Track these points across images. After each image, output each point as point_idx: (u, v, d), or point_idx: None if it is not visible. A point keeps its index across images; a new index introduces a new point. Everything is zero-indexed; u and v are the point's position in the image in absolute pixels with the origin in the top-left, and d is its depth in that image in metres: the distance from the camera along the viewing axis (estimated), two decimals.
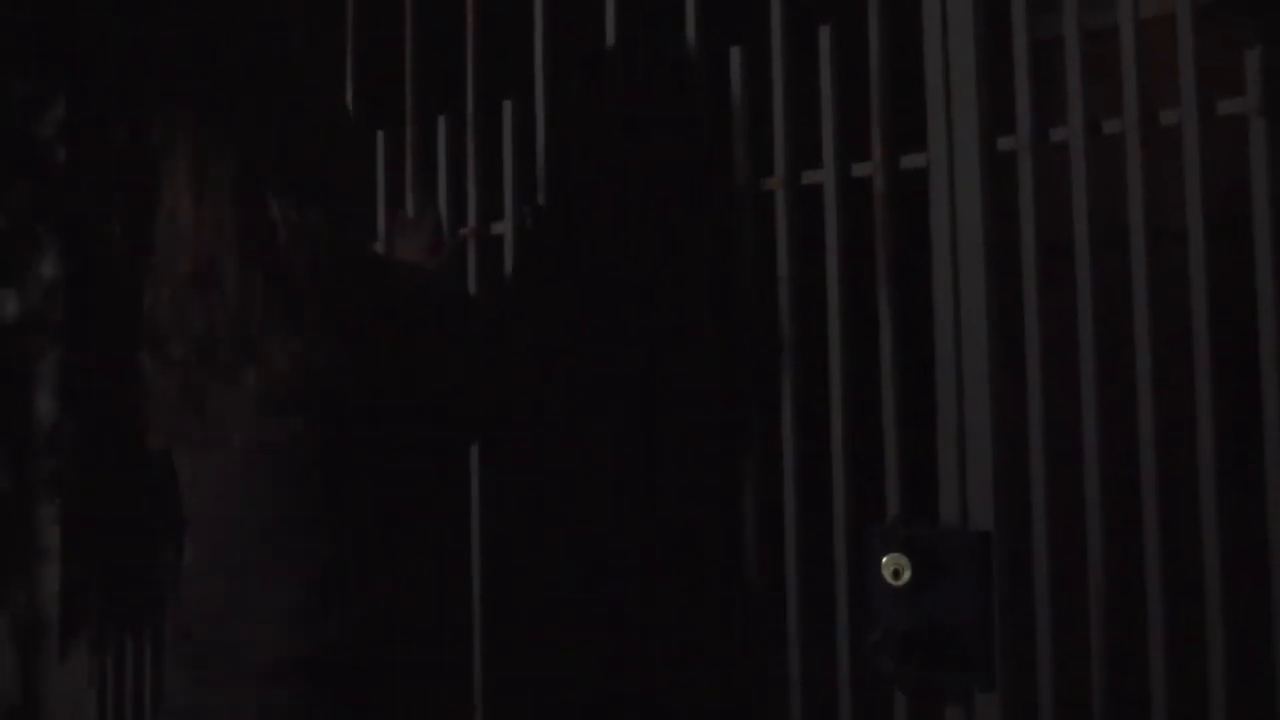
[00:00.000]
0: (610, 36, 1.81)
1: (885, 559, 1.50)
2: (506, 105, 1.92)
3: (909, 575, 1.49)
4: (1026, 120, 1.52)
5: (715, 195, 1.73)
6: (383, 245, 2.00)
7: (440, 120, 1.98)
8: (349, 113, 1.68)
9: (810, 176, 1.66)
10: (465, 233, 1.94)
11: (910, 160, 1.59)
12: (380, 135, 2.03)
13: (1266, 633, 1.36)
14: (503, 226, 1.91)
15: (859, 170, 1.63)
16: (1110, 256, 1.47)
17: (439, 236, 1.84)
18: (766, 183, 1.68)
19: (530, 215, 1.87)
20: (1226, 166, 1.43)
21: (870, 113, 1.61)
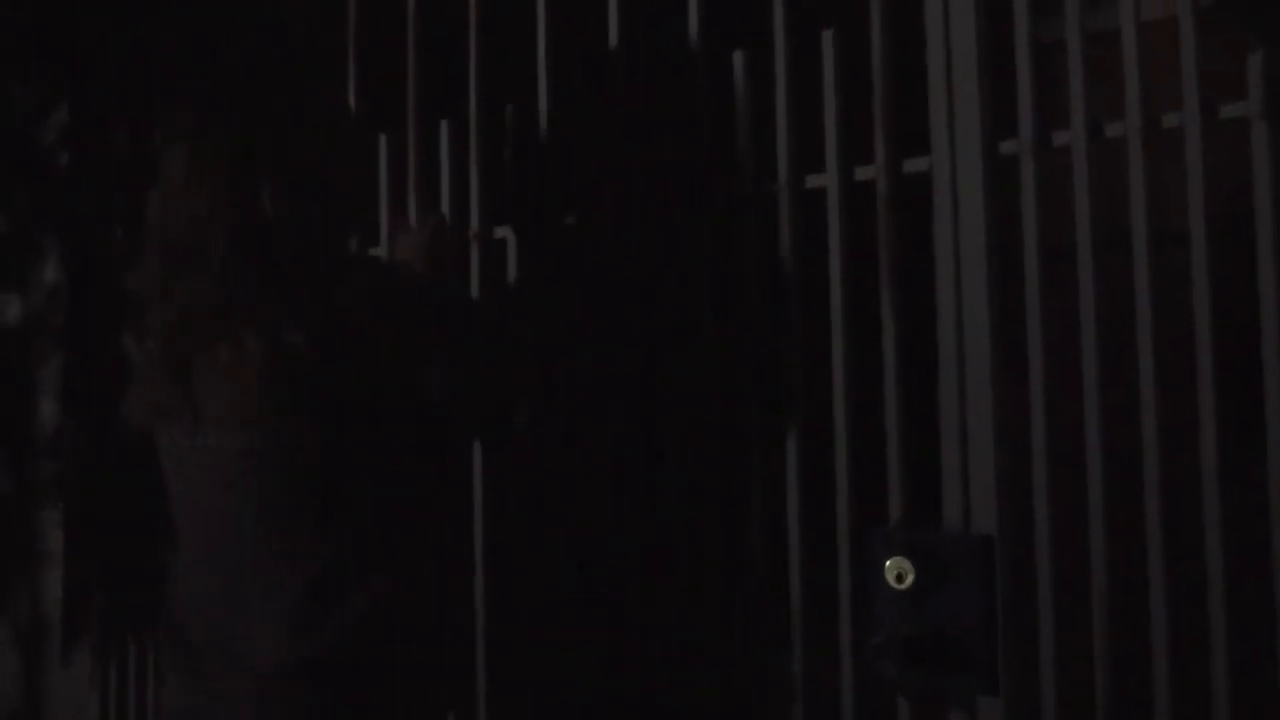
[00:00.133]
0: (613, 40, 1.81)
1: (888, 563, 1.50)
2: (509, 109, 1.92)
3: (912, 579, 1.49)
4: (1029, 124, 1.52)
5: (718, 199, 1.73)
6: (385, 248, 2.01)
7: (443, 124, 1.98)
8: (350, 113, 1.68)
9: (813, 180, 1.66)
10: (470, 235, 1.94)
11: (913, 164, 1.59)
12: (383, 139, 2.03)
13: (1270, 636, 1.36)
14: (505, 230, 1.91)
15: (862, 174, 1.63)
16: (1112, 260, 1.47)
17: (441, 240, 1.85)
18: (769, 186, 1.68)
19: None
20: (1228, 170, 1.43)
21: (873, 116, 1.61)
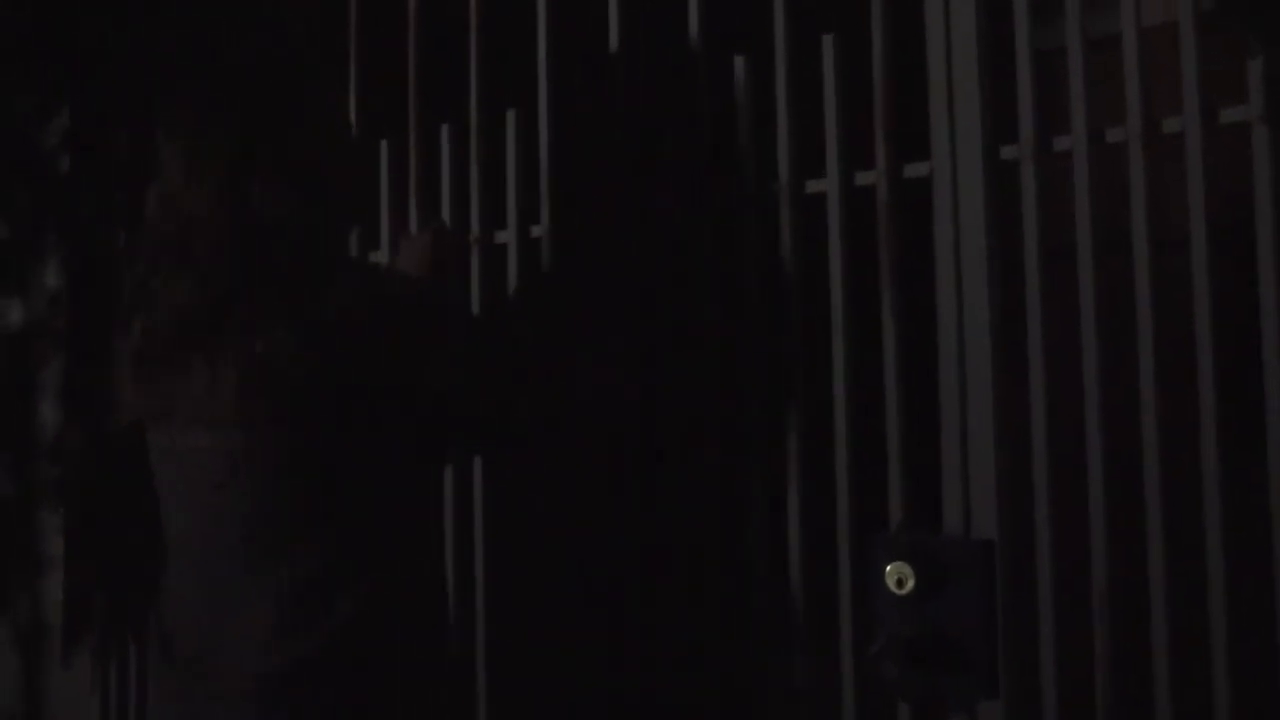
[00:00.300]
0: (613, 45, 1.81)
1: (889, 567, 1.50)
2: (510, 114, 1.93)
3: (912, 584, 1.49)
4: (1029, 129, 1.52)
5: (719, 203, 1.74)
6: (386, 252, 2.01)
7: (444, 128, 1.99)
8: (348, 115, 1.68)
9: (814, 185, 1.66)
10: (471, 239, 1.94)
11: (913, 169, 1.59)
12: (384, 143, 2.03)
13: (1271, 640, 1.36)
14: (506, 235, 1.91)
15: (862, 179, 1.63)
16: (1113, 263, 1.47)
17: (442, 244, 1.85)
18: (770, 191, 1.69)
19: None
20: (1229, 174, 1.43)
21: (874, 121, 1.61)
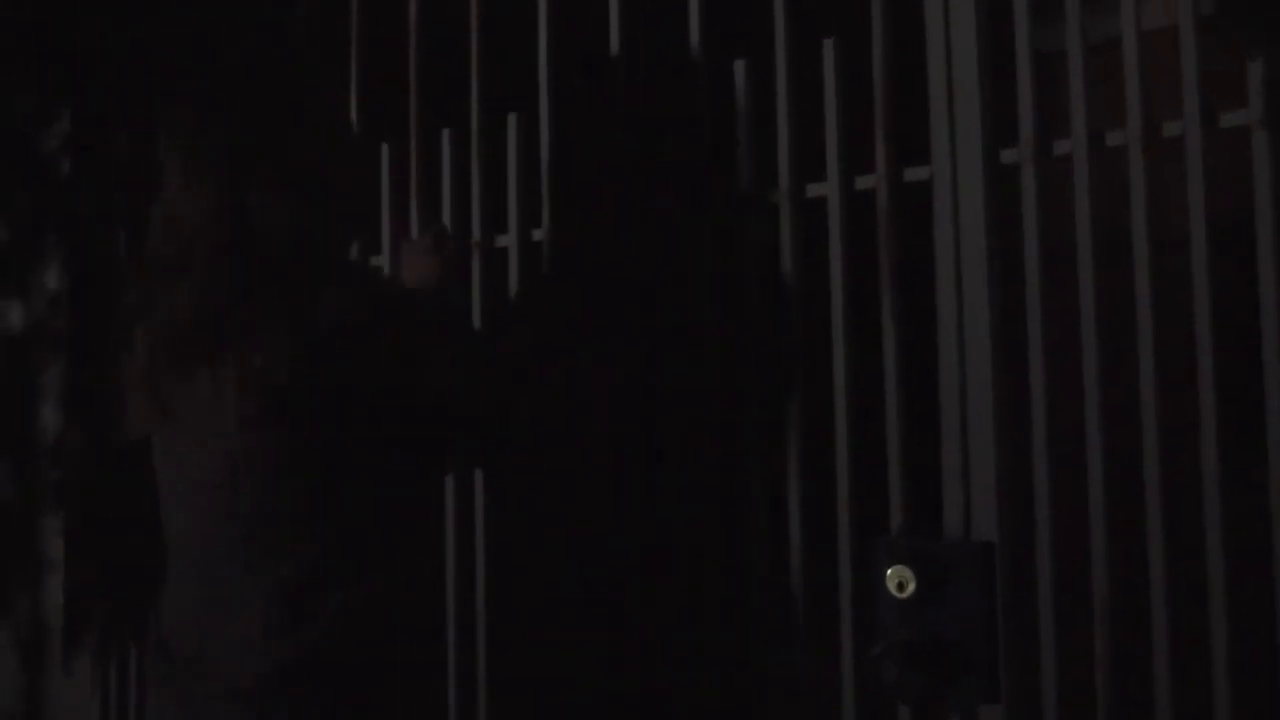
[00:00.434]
0: (614, 49, 1.81)
1: (889, 571, 1.50)
2: (511, 118, 1.93)
3: (913, 588, 1.48)
4: (1029, 132, 1.52)
5: (719, 207, 1.74)
6: (387, 256, 2.01)
7: (445, 132, 1.99)
8: (349, 117, 1.68)
9: (814, 189, 1.66)
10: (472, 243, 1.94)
11: (914, 173, 1.59)
12: (385, 147, 2.03)
13: (1272, 643, 1.36)
14: (507, 239, 1.91)
15: (863, 183, 1.63)
16: (1113, 267, 1.47)
17: (443, 248, 1.85)
18: (771, 195, 1.69)
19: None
20: (1229, 177, 1.43)
21: (874, 125, 1.61)
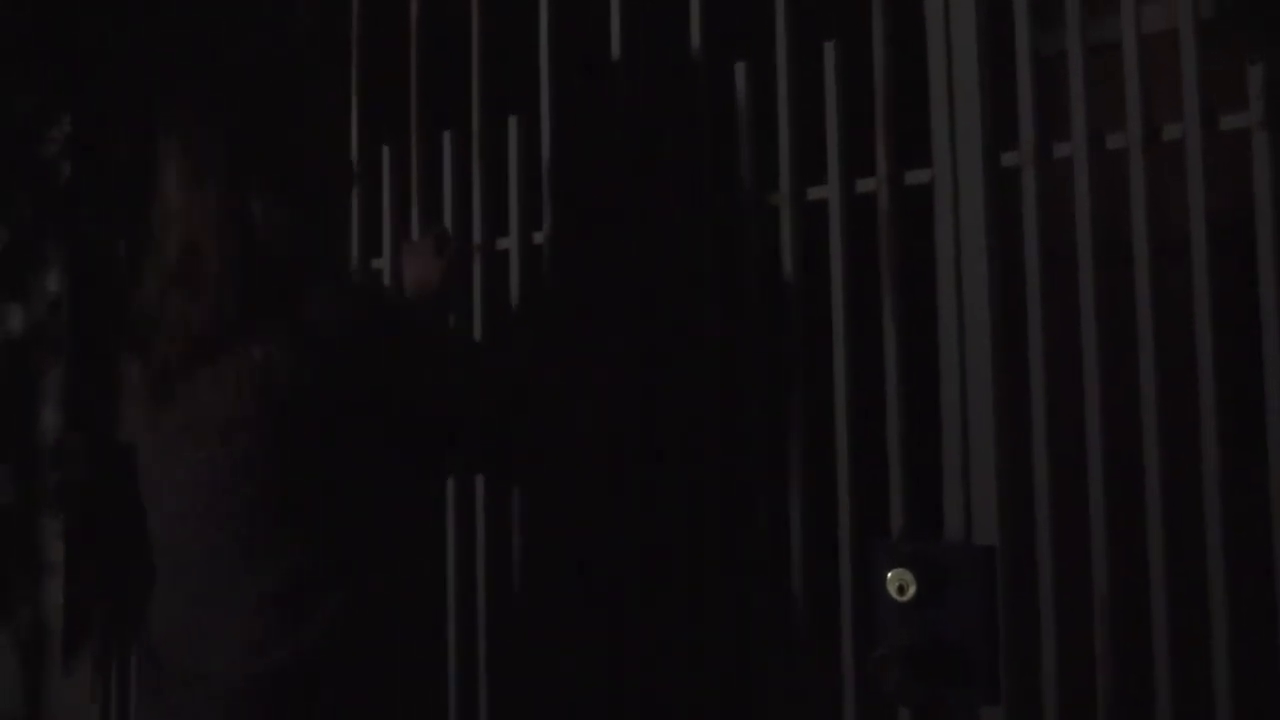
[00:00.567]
0: (615, 52, 1.82)
1: (890, 574, 1.50)
2: (512, 121, 1.93)
3: (914, 591, 1.48)
4: (1030, 135, 1.52)
5: (720, 210, 1.74)
6: (388, 259, 2.01)
7: (446, 135, 1.99)
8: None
9: (815, 192, 1.66)
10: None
11: (914, 176, 1.59)
12: (385, 150, 2.04)
13: (1273, 645, 1.36)
14: (508, 242, 1.91)
15: (863, 186, 1.63)
16: (1114, 270, 1.47)
17: (444, 251, 1.85)
18: (771, 198, 1.69)
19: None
20: (1229, 180, 1.43)
21: (875, 128, 1.61)
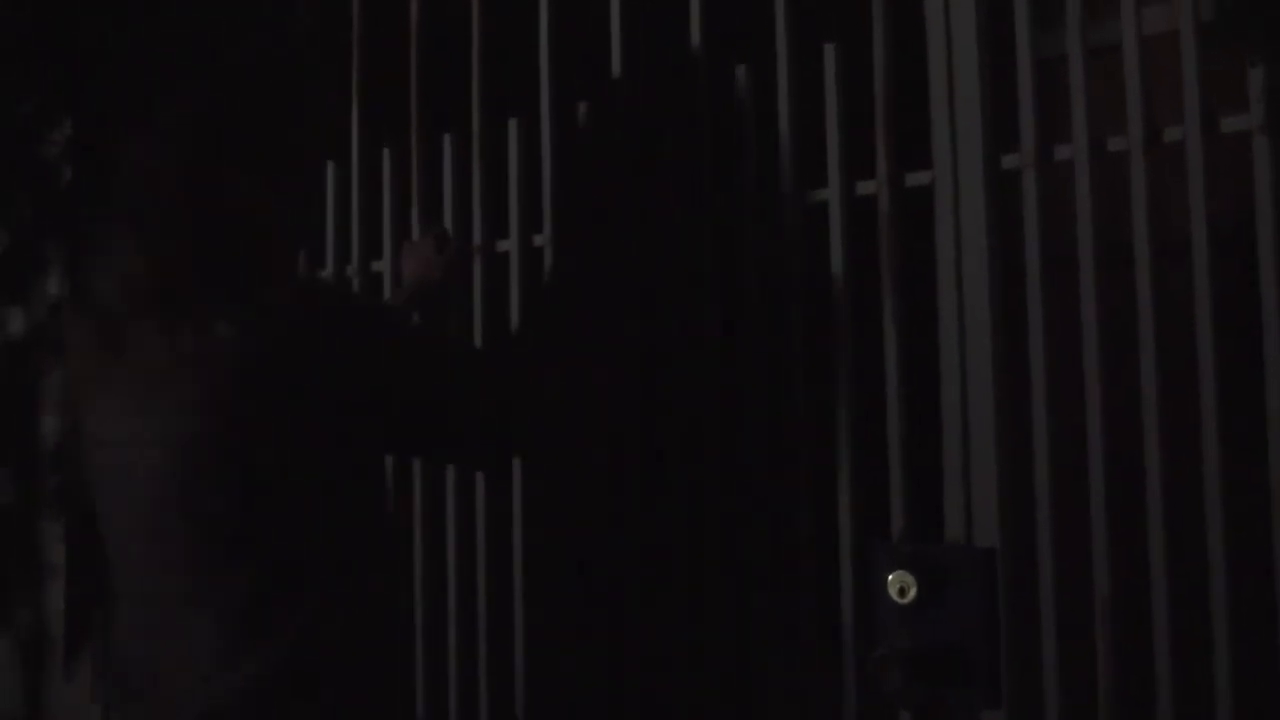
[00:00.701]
0: (616, 54, 1.82)
1: (891, 576, 1.50)
2: (512, 123, 1.93)
3: (914, 593, 1.48)
4: (1030, 137, 1.53)
5: (721, 212, 1.74)
6: (389, 260, 2.01)
7: (446, 137, 1.99)
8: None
9: (816, 194, 1.67)
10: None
11: (915, 178, 1.60)
12: (386, 152, 2.04)
13: (1274, 646, 1.36)
14: (508, 244, 1.91)
15: (864, 188, 1.63)
16: (1114, 272, 1.47)
17: (444, 252, 1.85)
18: (772, 200, 1.69)
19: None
20: (1230, 182, 1.43)
21: (875, 130, 1.62)
